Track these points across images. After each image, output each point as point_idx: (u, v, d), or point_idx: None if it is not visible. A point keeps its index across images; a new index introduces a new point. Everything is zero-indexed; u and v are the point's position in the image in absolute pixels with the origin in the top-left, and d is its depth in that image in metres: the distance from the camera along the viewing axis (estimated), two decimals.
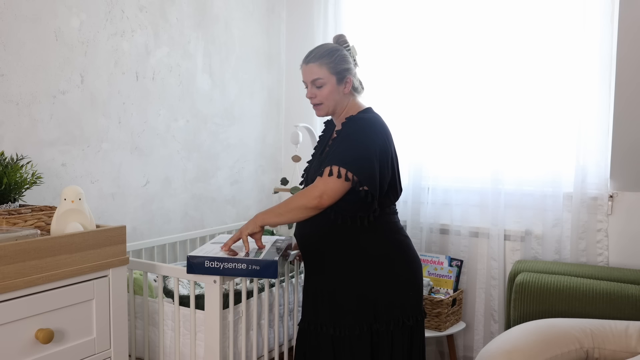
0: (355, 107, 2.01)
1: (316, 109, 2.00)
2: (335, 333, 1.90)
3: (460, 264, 2.74)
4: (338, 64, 1.94)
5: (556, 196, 2.61)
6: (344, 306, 1.90)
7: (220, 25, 2.90)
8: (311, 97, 1.98)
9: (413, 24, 2.91)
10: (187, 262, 1.85)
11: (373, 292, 1.90)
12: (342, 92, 1.96)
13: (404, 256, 1.95)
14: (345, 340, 1.89)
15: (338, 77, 1.94)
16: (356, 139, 1.88)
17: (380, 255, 1.91)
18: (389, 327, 1.89)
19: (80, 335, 1.60)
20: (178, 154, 2.69)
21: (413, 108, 2.91)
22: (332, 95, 1.95)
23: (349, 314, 1.89)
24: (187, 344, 1.97)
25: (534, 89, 2.66)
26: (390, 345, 1.90)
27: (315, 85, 1.95)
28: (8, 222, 1.60)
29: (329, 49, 1.96)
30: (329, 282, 1.93)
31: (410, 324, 1.92)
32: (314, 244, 1.96)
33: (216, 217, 2.94)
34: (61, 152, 2.16)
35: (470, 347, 2.84)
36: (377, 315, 1.89)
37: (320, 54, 1.95)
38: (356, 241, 1.91)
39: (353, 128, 1.92)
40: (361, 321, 1.88)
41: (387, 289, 1.91)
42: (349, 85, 1.97)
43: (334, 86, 1.94)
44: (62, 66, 2.14)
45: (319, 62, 1.94)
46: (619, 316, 2.10)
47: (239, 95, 3.06)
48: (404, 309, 1.92)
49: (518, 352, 1.88)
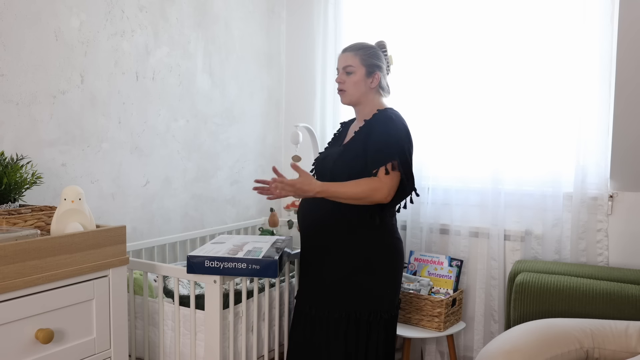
0: (381, 104, 2.14)
1: (341, 95, 2.15)
2: (313, 313, 2.05)
3: (460, 264, 2.74)
4: (370, 57, 2.10)
5: (556, 196, 2.61)
6: (330, 289, 2.03)
7: (220, 25, 2.90)
8: (340, 82, 2.12)
9: (413, 24, 2.91)
10: (187, 262, 1.86)
11: (359, 283, 2.02)
12: (368, 85, 2.10)
13: (394, 261, 2.07)
14: (323, 321, 2.03)
15: (368, 69, 2.09)
16: (395, 133, 1.99)
17: (376, 252, 2.02)
18: (368, 318, 2.02)
19: (80, 335, 1.60)
20: (178, 154, 2.69)
21: (413, 108, 2.91)
22: (358, 85, 2.09)
23: (332, 298, 2.02)
24: (187, 344, 1.97)
25: (534, 89, 2.66)
26: (367, 333, 2.02)
27: (346, 72, 2.10)
28: (8, 222, 1.60)
29: (367, 45, 2.14)
30: (320, 264, 2.06)
31: (386, 318, 2.05)
32: (317, 226, 2.08)
33: (216, 217, 2.94)
34: (61, 152, 2.16)
35: (470, 347, 2.84)
36: (359, 305, 2.01)
37: (358, 46, 2.12)
38: (355, 234, 2.02)
39: (384, 123, 2.02)
40: (341, 306, 2.01)
41: (373, 283, 2.03)
42: (376, 81, 2.10)
43: (362, 76, 2.09)
44: (62, 66, 2.14)
45: (354, 53, 2.10)
46: (619, 316, 2.10)
47: (239, 95, 3.06)
48: (383, 303, 2.04)
49: (518, 352, 1.88)
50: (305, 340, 2.08)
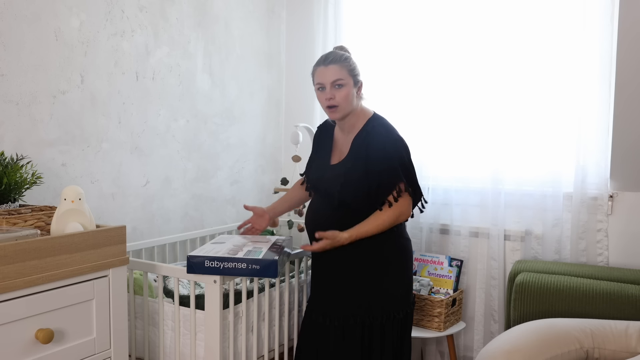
0: (365, 112, 2.09)
1: (331, 112, 2.00)
2: (326, 322, 2.02)
3: (460, 264, 2.74)
4: (355, 68, 2.02)
5: (556, 196, 2.61)
6: (342, 295, 2.01)
7: (220, 25, 2.90)
8: (330, 97, 1.96)
9: (413, 24, 2.91)
10: (187, 262, 1.86)
11: (371, 287, 2.00)
12: (356, 95, 2.03)
13: (405, 261, 2.06)
14: (338, 330, 2.00)
15: (355, 80, 2.01)
16: (394, 150, 1.97)
17: (388, 255, 2.02)
18: (381, 320, 1.99)
19: (80, 335, 1.60)
20: (178, 154, 2.69)
21: (413, 108, 2.91)
22: (349, 97, 1.98)
23: (344, 304, 2.00)
24: (187, 344, 1.97)
25: (534, 89, 2.65)
26: (382, 336, 2.00)
27: (335, 86, 1.96)
28: (8, 222, 1.60)
29: (345, 55, 2.03)
30: (333, 270, 2.03)
31: (400, 317, 2.03)
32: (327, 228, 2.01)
33: (216, 217, 2.94)
34: (61, 152, 2.16)
35: (470, 347, 2.84)
36: (370, 308, 1.99)
37: (339, 56, 2.00)
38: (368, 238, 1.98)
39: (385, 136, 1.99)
40: (355, 313, 1.99)
41: (385, 287, 2.01)
42: (360, 90, 2.06)
43: (351, 88, 1.99)
44: (62, 66, 2.14)
45: (340, 65, 1.97)
46: (619, 316, 2.10)
47: (239, 95, 3.06)
48: (395, 303, 2.02)
49: (518, 352, 1.88)
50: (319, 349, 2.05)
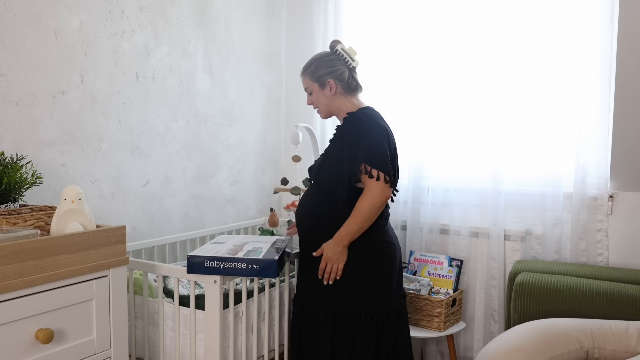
0: (352, 106, 2.12)
1: (318, 113, 2.22)
2: (303, 312, 2.09)
3: (460, 264, 2.74)
4: (316, 71, 2.11)
5: (556, 196, 2.61)
6: (317, 289, 2.06)
7: (220, 25, 2.90)
8: (311, 103, 2.19)
9: (413, 24, 2.91)
10: (187, 262, 1.86)
11: (347, 285, 2.02)
12: (328, 95, 2.12)
13: (384, 264, 2.07)
14: (310, 323, 2.07)
15: (319, 82, 2.12)
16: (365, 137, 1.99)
17: (367, 256, 2.03)
18: (351, 320, 2.02)
19: (80, 335, 1.60)
20: (178, 154, 2.69)
21: (413, 108, 2.91)
22: (321, 100, 2.14)
23: (318, 297, 2.05)
24: (187, 344, 1.97)
25: (534, 89, 2.66)
26: (352, 337, 2.02)
27: (309, 93, 2.18)
28: (8, 222, 1.60)
29: (312, 59, 2.15)
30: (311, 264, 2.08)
31: (374, 321, 2.03)
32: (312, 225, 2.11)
33: (216, 217, 2.94)
34: (61, 152, 2.16)
35: (470, 347, 2.84)
36: (340, 307, 2.02)
37: (306, 66, 2.16)
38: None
39: (353, 126, 2.03)
40: (327, 308, 2.03)
41: (360, 288, 2.03)
42: (333, 89, 2.10)
43: (318, 91, 2.13)
44: (62, 66, 2.14)
45: (304, 74, 2.16)
46: (619, 316, 2.10)
47: (239, 95, 3.06)
48: (368, 306, 2.03)
49: (518, 352, 1.88)
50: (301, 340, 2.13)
